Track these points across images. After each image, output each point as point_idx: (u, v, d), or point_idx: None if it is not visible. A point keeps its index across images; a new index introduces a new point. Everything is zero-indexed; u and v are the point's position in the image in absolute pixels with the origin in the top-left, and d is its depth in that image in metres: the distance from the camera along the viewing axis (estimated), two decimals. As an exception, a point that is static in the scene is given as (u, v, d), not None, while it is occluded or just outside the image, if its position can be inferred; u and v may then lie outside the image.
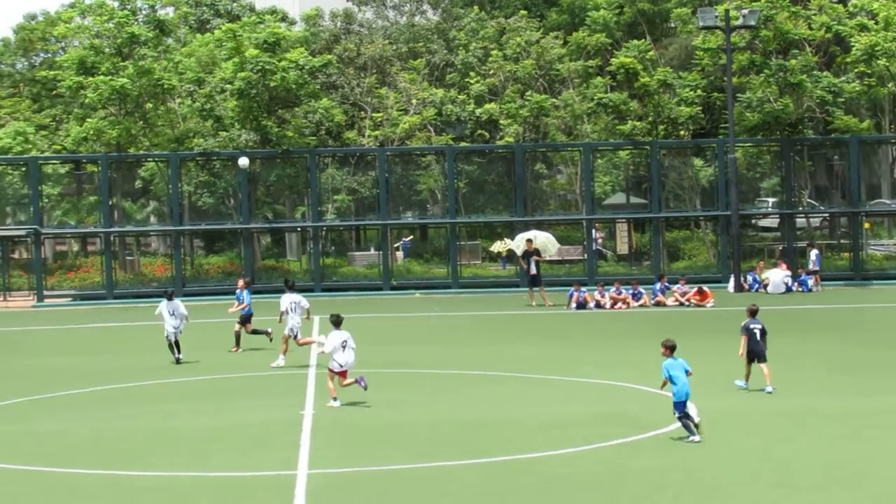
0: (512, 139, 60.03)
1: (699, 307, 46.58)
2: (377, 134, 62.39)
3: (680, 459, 19.01)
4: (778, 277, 51.50)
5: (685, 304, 47.17)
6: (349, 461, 19.33)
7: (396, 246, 64.30)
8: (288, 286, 33.26)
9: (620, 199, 64.77)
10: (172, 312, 32.63)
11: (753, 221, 65.10)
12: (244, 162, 51.34)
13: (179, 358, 32.57)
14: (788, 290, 51.18)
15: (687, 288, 48.10)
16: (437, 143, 61.60)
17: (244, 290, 35.47)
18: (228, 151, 57.84)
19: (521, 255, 49.92)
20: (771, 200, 64.61)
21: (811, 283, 52.18)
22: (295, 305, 31.82)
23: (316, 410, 23.94)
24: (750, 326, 25.30)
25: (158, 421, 23.70)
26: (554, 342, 36.47)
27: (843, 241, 60.46)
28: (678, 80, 59.96)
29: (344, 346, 24.66)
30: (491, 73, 64.13)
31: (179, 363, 32.32)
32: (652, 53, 62.03)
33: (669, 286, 48.39)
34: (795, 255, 56.09)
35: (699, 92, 59.72)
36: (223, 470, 19.09)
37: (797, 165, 59.61)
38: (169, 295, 33.43)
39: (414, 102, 63.39)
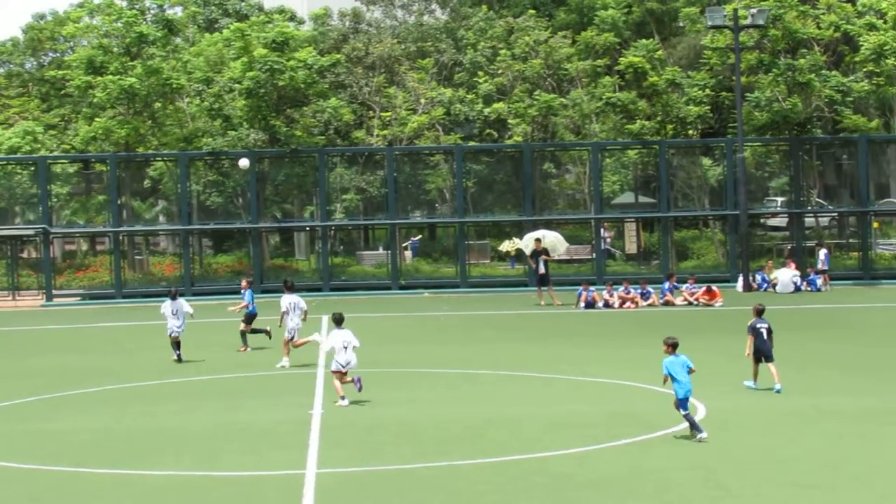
0: (520, 138, 60.00)
1: (708, 307, 46.54)
2: (386, 133, 62.38)
3: (689, 459, 19.00)
4: (787, 277, 51.45)
5: (694, 303, 47.14)
6: (358, 460, 19.34)
7: (405, 245, 64.28)
8: (287, 286, 33.25)
9: (629, 198, 64.75)
10: (175, 312, 32.68)
11: (762, 221, 64.99)
12: (244, 163, 51.33)
13: (179, 356, 32.66)
14: (797, 289, 51.15)
15: (696, 287, 48.09)
16: (445, 142, 61.57)
17: (247, 289, 35.60)
18: (237, 151, 57.87)
19: (529, 254, 49.91)
20: (780, 200, 64.49)
21: (820, 282, 52.11)
22: (293, 306, 31.82)
23: (324, 410, 23.95)
24: (756, 326, 25.29)
25: (167, 420, 23.72)
26: (562, 341, 36.46)
27: (851, 240, 60.36)
28: (687, 79, 59.92)
29: (346, 346, 24.64)
30: (499, 72, 64.11)
31: (181, 361, 32.40)
32: (660, 53, 61.99)
33: (678, 286, 48.36)
34: (804, 254, 56.01)
35: (708, 91, 59.68)
36: (232, 469, 19.10)
37: (806, 165, 59.57)
38: (173, 294, 33.46)
39: (422, 102, 63.36)
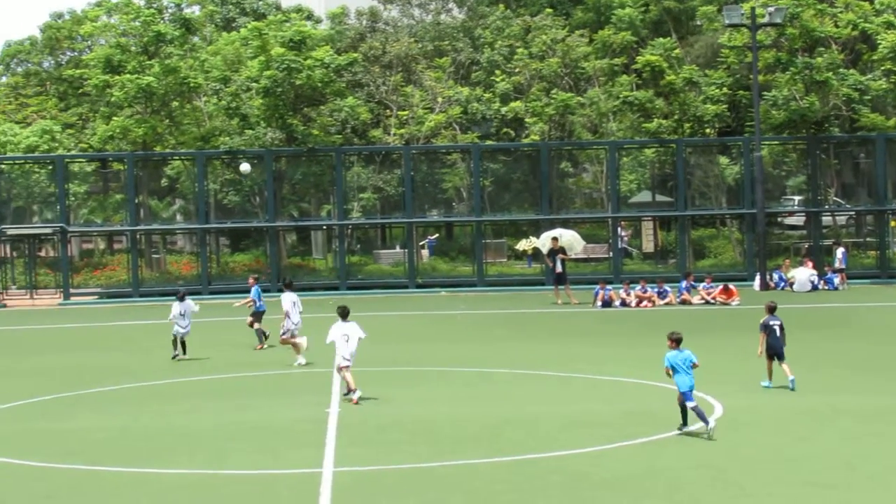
0: (537, 137, 60.00)
1: (725, 305, 46.47)
2: (403, 132, 62.42)
3: (703, 458, 18.97)
4: (804, 276, 51.36)
5: (711, 302, 47.07)
6: (374, 459, 19.34)
7: (422, 244, 64.33)
8: (286, 284, 33.37)
9: (646, 197, 64.63)
10: (183, 313, 32.76)
11: (779, 219, 64.92)
12: (246, 168, 51.42)
13: (177, 355, 32.82)
14: (814, 288, 51.07)
15: (713, 286, 48.00)
16: (462, 141, 61.58)
17: (254, 286, 35.85)
18: (254, 150, 57.99)
19: (546, 253, 49.89)
20: (797, 198, 64.41)
21: (837, 281, 52.03)
22: (294, 305, 31.87)
23: (341, 408, 23.96)
24: (770, 323, 25.25)
25: (183, 419, 23.75)
26: (579, 340, 36.43)
27: (869, 239, 60.22)
28: (704, 77, 59.86)
29: (347, 339, 24.66)
30: (516, 71, 64.11)
31: (177, 360, 32.57)
32: (678, 51, 61.94)
33: (695, 285, 48.26)
34: (821, 253, 55.95)
35: (725, 90, 59.61)
36: (249, 468, 19.12)
37: (823, 163, 59.47)
38: (181, 296, 33.49)
39: (439, 101, 63.40)
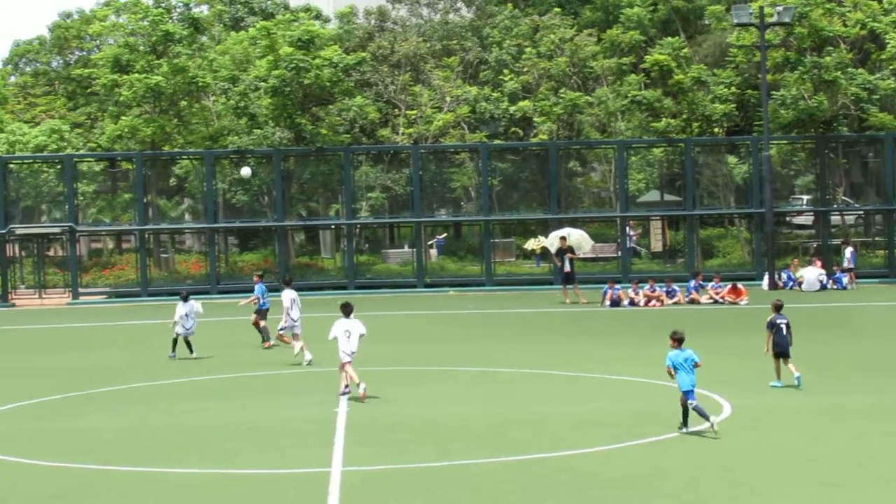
0: (546, 136, 59.97)
1: (733, 305, 46.43)
2: (411, 131, 62.40)
3: (712, 457, 18.96)
4: (812, 275, 51.29)
5: (719, 301, 47.02)
6: (382, 458, 19.34)
7: (430, 243, 64.30)
8: (285, 282, 33.49)
9: (654, 196, 64.56)
10: (188, 314, 32.81)
11: (788, 219, 64.74)
12: (246, 172, 51.46)
13: (173, 357, 32.95)
14: (823, 287, 51.01)
15: (721, 286, 47.95)
16: (470, 140, 61.58)
17: (258, 283, 35.96)
18: (263, 149, 58.03)
19: (554, 252, 49.87)
20: (805, 198, 64.34)
21: (846, 280, 51.96)
22: (293, 302, 31.92)
23: (350, 408, 23.95)
24: (776, 321, 25.28)
25: (192, 418, 23.77)
26: (587, 339, 36.44)
27: (877, 238, 60.12)
28: (712, 77, 59.75)
29: (348, 335, 24.67)
30: (525, 70, 64.08)
31: (176, 358, 32.68)
32: (686, 51, 61.83)
33: (704, 284, 48.20)
34: (830, 252, 55.86)
35: (733, 89, 59.49)
36: (257, 467, 19.13)
37: (832, 163, 59.36)
38: (184, 297, 33.53)
39: (448, 100, 63.38)
